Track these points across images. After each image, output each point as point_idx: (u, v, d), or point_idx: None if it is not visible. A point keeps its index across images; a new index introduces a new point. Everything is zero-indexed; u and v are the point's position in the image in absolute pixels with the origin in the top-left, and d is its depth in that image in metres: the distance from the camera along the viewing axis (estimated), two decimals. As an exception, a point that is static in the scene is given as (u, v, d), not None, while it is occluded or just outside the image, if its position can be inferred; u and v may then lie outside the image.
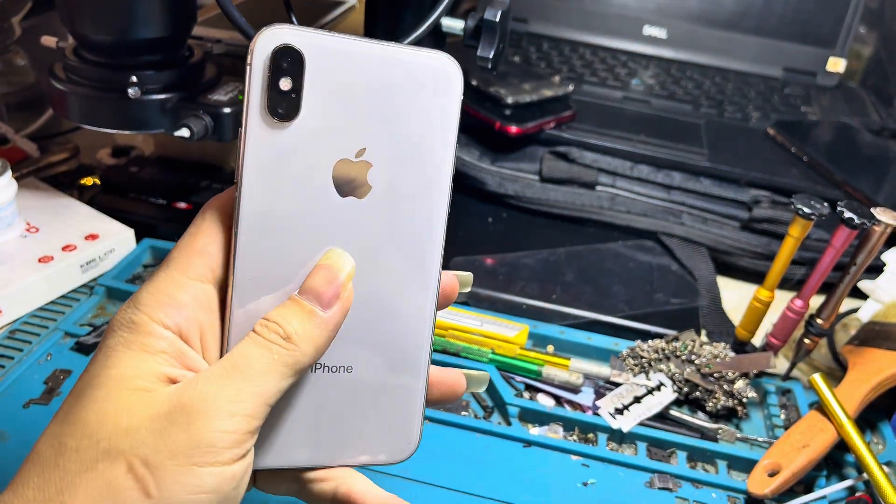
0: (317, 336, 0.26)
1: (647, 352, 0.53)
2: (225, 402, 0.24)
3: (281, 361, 0.26)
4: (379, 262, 0.29)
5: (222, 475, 0.24)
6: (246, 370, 0.25)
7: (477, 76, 0.74)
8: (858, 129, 0.83)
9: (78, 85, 0.53)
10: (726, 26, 0.93)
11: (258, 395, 0.25)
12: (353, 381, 0.29)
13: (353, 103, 0.27)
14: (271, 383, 0.25)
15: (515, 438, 0.47)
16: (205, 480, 0.24)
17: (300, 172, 0.27)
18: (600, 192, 0.71)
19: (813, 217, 0.48)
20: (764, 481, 0.44)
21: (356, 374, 0.29)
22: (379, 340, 0.29)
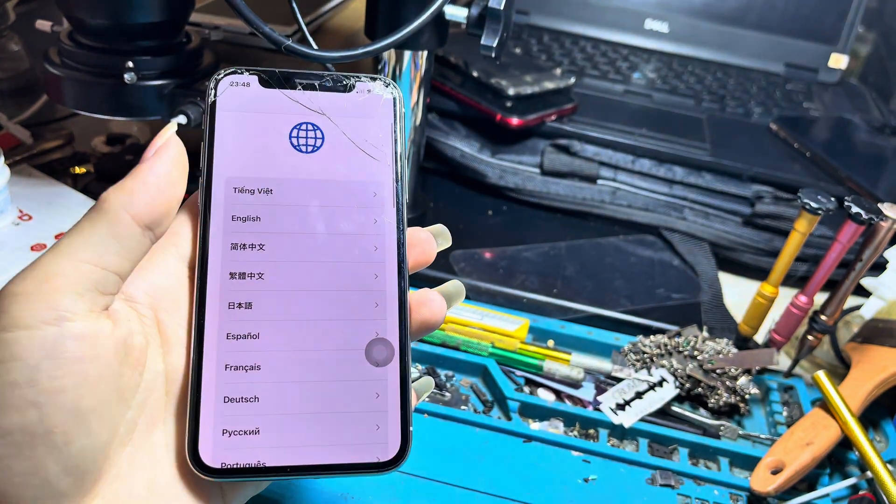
0: (128, 184, 0.26)
1: (648, 347, 0.52)
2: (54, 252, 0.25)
3: (96, 214, 0.25)
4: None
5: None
6: (76, 229, 0.25)
7: (478, 67, 0.73)
8: (861, 125, 0.82)
9: (73, 70, 0.52)
10: (728, 21, 0.93)
11: (78, 247, 0.25)
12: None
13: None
14: (91, 236, 0.25)
15: (516, 433, 0.47)
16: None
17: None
18: (601, 186, 0.70)
19: (820, 212, 0.47)
20: (767, 479, 0.44)
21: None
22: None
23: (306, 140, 0.30)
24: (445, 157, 0.71)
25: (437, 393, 0.49)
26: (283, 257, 0.29)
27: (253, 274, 0.28)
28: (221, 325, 0.27)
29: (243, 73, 0.30)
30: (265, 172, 0.29)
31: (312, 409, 0.28)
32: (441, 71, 0.75)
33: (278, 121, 0.30)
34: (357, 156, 0.30)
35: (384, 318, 0.29)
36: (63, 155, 0.67)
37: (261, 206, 0.29)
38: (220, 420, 0.27)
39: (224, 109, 0.29)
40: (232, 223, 0.28)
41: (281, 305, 0.28)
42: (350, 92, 0.31)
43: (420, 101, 0.57)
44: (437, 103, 0.73)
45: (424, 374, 0.49)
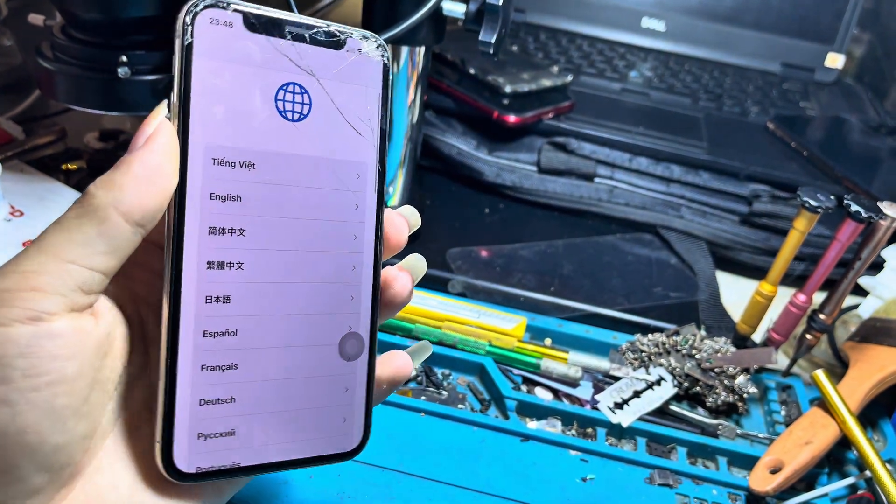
0: (116, 179, 0.23)
1: (646, 346, 0.52)
2: (39, 247, 0.24)
3: (83, 211, 0.23)
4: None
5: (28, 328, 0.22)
6: (61, 225, 0.24)
7: (475, 65, 0.73)
8: (857, 124, 0.82)
9: (65, 64, 0.51)
10: (725, 20, 0.93)
11: (66, 246, 0.23)
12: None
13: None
14: (77, 234, 0.23)
15: (513, 432, 0.46)
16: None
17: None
18: (599, 184, 0.70)
19: (819, 210, 0.47)
20: (766, 478, 0.44)
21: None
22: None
23: (293, 105, 0.26)
24: (442, 154, 0.70)
25: (434, 392, 0.49)
26: (265, 245, 0.26)
27: (232, 263, 0.25)
28: (198, 322, 0.25)
29: (227, 9, 0.25)
30: (248, 142, 0.25)
31: (287, 407, 0.27)
32: (438, 68, 0.75)
33: (264, 77, 0.25)
34: (343, 129, 0.27)
35: (358, 311, 0.28)
36: (55, 151, 0.66)
37: (242, 182, 0.25)
38: (195, 424, 0.25)
39: (202, 56, 0.24)
40: (210, 202, 0.25)
41: (260, 298, 0.26)
42: (341, 49, 0.27)
43: (417, 98, 0.57)
44: (434, 101, 0.73)
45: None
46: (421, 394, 0.49)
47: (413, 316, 0.52)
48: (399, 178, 0.59)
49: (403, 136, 0.57)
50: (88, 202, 0.24)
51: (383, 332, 0.52)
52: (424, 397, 0.48)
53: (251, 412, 0.26)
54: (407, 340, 0.51)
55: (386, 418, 0.46)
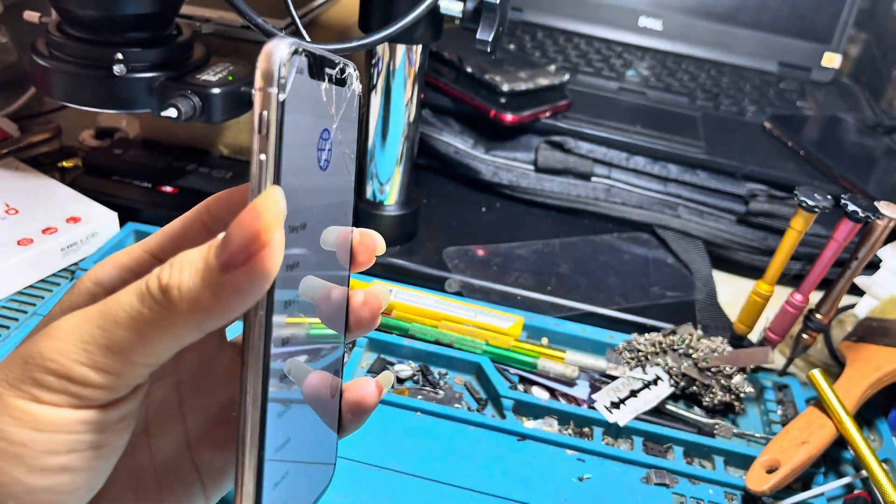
0: (203, 298, 0.20)
1: (643, 345, 0.52)
2: (73, 330, 0.21)
3: (148, 315, 0.20)
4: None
5: (61, 412, 0.21)
6: (111, 314, 0.21)
7: (472, 63, 0.73)
8: (854, 124, 0.82)
9: (61, 61, 0.51)
10: (722, 19, 0.92)
11: (115, 341, 0.20)
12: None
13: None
14: (132, 335, 0.20)
15: (510, 431, 0.46)
16: (35, 410, 0.21)
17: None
18: (596, 183, 0.70)
19: (816, 210, 0.47)
20: (762, 478, 0.44)
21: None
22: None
23: (325, 151, 0.24)
24: (439, 153, 0.70)
25: (430, 391, 0.49)
26: (303, 314, 0.24)
27: (293, 353, 0.24)
28: (272, 409, 0.22)
29: (301, 53, 0.21)
30: (303, 201, 0.22)
31: (311, 458, 0.26)
32: (435, 66, 0.74)
33: (313, 126, 0.23)
34: (342, 167, 0.25)
35: (337, 360, 0.28)
36: (51, 148, 0.66)
37: (297, 247, 0.22)
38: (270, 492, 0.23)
39: (292, 112, 0.21)
40: (284, 274, 0.21)
41: (304, 368, 0.25)
42: (345, 86, 0.25)
43: (414, 96, 0.57)
44: (431, 99, 0.72)
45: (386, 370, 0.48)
46: (417, 393, 0.48)
47: (410, 315, 0.52)
48: (396, 176, 0.59)
49: (400, 134, 0.57)
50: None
51: (380, 332, 0.51)
52: (421, 396, 0.48)
53: (293, 475, 0.25)
54: (404, 340, 0.51)
55: (382, 418, 0.46)
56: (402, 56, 0.54)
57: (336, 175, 0.24)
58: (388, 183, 0.59)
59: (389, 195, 0.60)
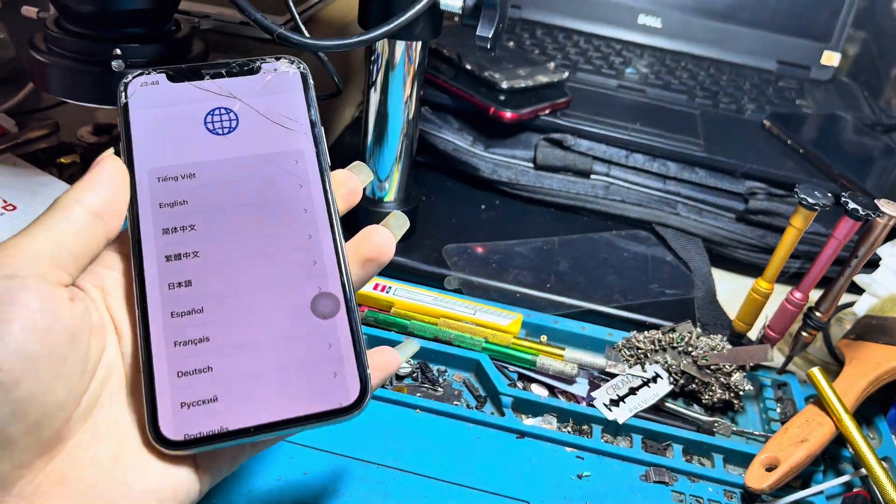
0: (74, 184, 0.29)
1: (643, 343, 0.52)
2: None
3: (49, 208, 0.28)
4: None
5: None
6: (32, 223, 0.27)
7: (471, 60, 0.72)
8: (853, 122, 0.82)
9: (59, 57, 0.51)
10: (721, 17, 0.92)
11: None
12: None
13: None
14: (44, 219, 0.27)
15: (508, 429, 0.46)
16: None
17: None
18: (595, 181, 0.70)
19: (817, 207, 0.47)
20: (762, 476, 0.44)
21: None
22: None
23: (221, 123, 0.31)
24: (438, 150, 0.70)
25: (429, 388, 0.49)
26: (216, 233, 0.30)
27: (188, 254, 0.29)
28: (164, 305, 0.28)
29: (150, 73, 0.31)
30: (185, 158, 0.30)
31: (267, 369, 0.28)
32: (434, 63, 0.74)
33: (191, 110, 0.31)
34: (273, 130, 0.32)
35: (324, 273, 0.30)
36: (49, 145, 0.66)
37: (186, 189, 0.30)
38: (176, 394, 0.27)
39: (137, 108, 0.31)
40: (160, 210, 0.30)
41: (220, 278, 0.29)
42: (257, 74, 0.32)
43: (413, 93, 0.57)
44: (430, 96, 0.72)
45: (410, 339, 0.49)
46: (416, 390, 0.48)
47: (409, 312, 0.52)
48: (395, 174, 0.59)
49: (399, 131, 0.57)
50: (55, 202, 0.28)
51: (377, 329, 0.51)
52: (420, 394, 0.48)
53: (230, 378, 0.28)
54: (402, 337, 0.51)
55: (381, 415, 0.46)
56: (401, 53, 0.54)
57: (254, 136, 0.31)
58: (387, 180, 0.59)
59: (389, 192, 0.60)
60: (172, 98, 0.31)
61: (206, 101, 0.31)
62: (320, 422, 0.28)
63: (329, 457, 0.42)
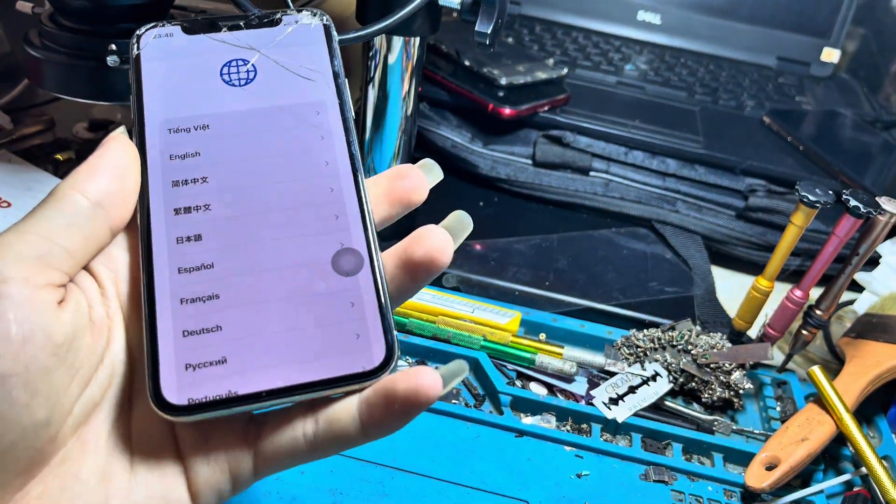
0: (76, 169, 0.26)
1: (642, 341, 0.52)
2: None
3: (47, 197, 0.25)
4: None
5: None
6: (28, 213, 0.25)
7: (470, 56, 0.72)
8: (854, 119, 0.82)
9: (54, 52, 0.50)
10: (721, 14, 0.92)
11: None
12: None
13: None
14: (38, 212, 0.25)
15: (507, 428, 0.46)
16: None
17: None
18: (594, 178, 0.70)
19: (818, 205, 0.47)
20: (762, 475, 0.43)
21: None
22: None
23: (238, 74, 0.30)
24: (436, 147, 0.70)
25: (427, 387, 0.48)
26: (229, 186, 0.28)
27: (199, 206, 0.27)
28: (171, 260, 0.26)
29: (165, 26, 0.30)
30: (199, 110, 0.29)
31: (283, 329, 0.26)
32: (433, 60, 0.74)
33: (206, 62, 0.29)
34: (293, 80, 0.30)
35: (347, 228, 0.28)
36: (44, 141, 0.65)
37: (199, 141, 0.28)
38: (181, 355, 0.25)
39: (149, 59, 0.29)
40: (171, 162, 0.28)
41: (233, 233, 0.27)
42: (277, 26, 0.31)
43: (411, 89, 0.56)
44: (429, 92, 0.72)
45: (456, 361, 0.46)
46: (414, 389, 0.48)
47: (407, 310, 0.52)
48: (393, 170, 0.58)
49: (397, 128, 0.57)
50: (52, 191, 0.25)
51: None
52: (418, 392, 0.48)
53: (241, 338, 0.26)
54: (401, 335, 0.51)
55: (379, 414, 0.45)
56: (399, 49, 0.54)
57: (272, 87, 0.30)
58: (385, 177, 0.59)
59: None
60: (187, 50, 0.30)
61: (223, 52, 0.30)
62: (341, 387, 0.25)
63: (326, 456, 0.42)
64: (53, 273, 0.24)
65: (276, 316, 0.26)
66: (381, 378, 0.25)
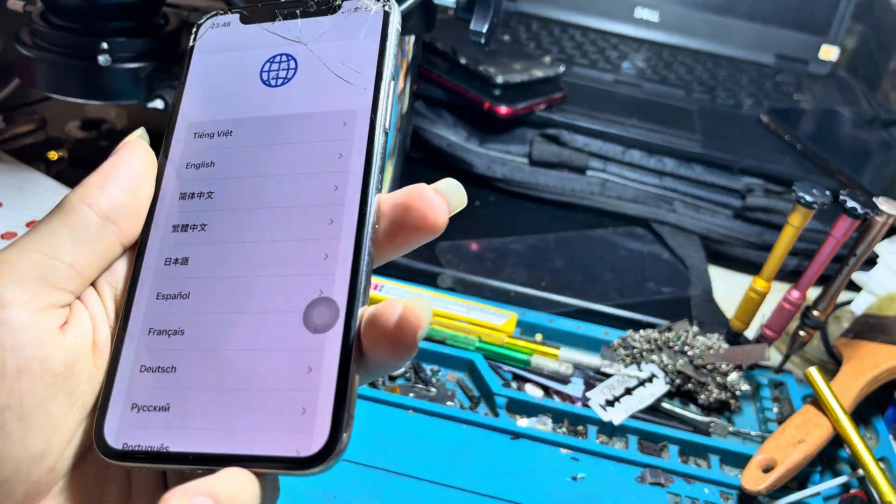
0: (86, 178, 0.24)
1: (638, 342, 0.51)
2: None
3: (54, 209, 0.24)
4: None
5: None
6: (34, 226, 0.24)
7: (466, 54, 0.72)
8: (852, 118, 0.82)
9: (45, 51, 0.50)
10: (719, 11, 0.92)
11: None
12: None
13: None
14: (43, 226, 0.24)
15: (503, 430, 0.45)
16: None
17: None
18: (591, 177, 0.69)
19: (815, 206, 0.46)
20: (758, 477, 0.43)
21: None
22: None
23: (277, 73, 0.27)
24: (432, 146, 0.69)
25: (422, 388, 0.48)
26: (231, 205, 0.25)
27: (195, 226, 0.25)
28: (155, 283, 0.24)
29: (225, 14, 0.28)
30: (227, 114, 0.27)
31: (231, 385, 0.22)
32: (428, 58, 0.73)
33: (252, 57, 0.27)
34: (330, 81, 0.26)
35: (332, 272, 0.23)
36: (36, 140, 0.65)
37: (217, 149, 0.26)
38: (132, 392, 0.23)
39: (200, 53, 0.28)
40: (186, 171, 0.26)
41: (218, 261, 0.24)
42: (335, 13, 0.27)
43: (407, 88, 0.56)
44: (424, 91, 0.71)
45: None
46: (409, 391, 0.48)
47: (402, 311, 0.51)
48: (388, 170, 0.58)
49: (393, 126, 0.56)
50: (61, 202, 0.24)
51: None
52: (412, 394, 0.47)
53: (190, 386, 0.23)
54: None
55: (372, 415, 0.45)
56: (394, 47, 0.53)
57: (307, 90, 0.27)
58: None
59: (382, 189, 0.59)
60: (239, 42, 0.27)
61: (271, 45, 0.27)
62: (271, 468, 0.21)
63: (320, 459, 0.42)
64: (57, 294, 0.23)
65: (230, 367, 0.23)
66: (316, 471, 0.21)
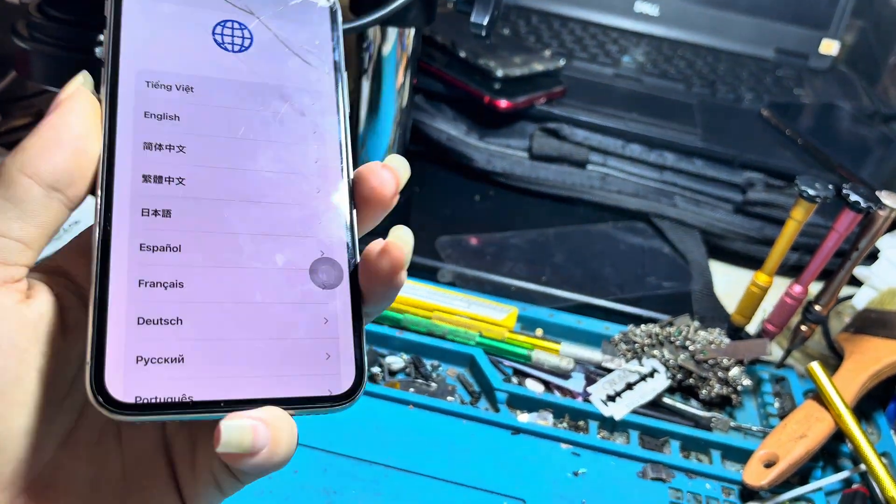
0: (24, 143, 0.22)
1: (640, 337, 0.51)
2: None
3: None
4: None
5: None
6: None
7: (465, 48, 0.71)
8: (852, 112, 0.81)
9: (42, 44, 0.50)
10: (719, 5, 0.91)
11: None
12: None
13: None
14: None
15: (503, 425, 0.45)
16: None
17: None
18: (591, 172, 0.69)
19: (818, 200, 0.46)
20: (760, 472, 0.43)
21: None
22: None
23: (232, 38, 0.27)
24: (431, 140, 0.69)
25: (422, 384, 0.48)
26: (208, 162, 0.25)
27: (171, 178, 0.24)
28: (133, 234, 0.23)
29: None
30: (184, 68, 0.25)
31: (249, 335, 0.23)
32: (428, 51, 0.73)
33: (199, 15, 0.26)
34: (291, 59, 0.27)
35: (330, 237, 0.25)
36: (33, 133, 0.64)
37: (180, 103, 0.25)
38: (132, 344, 0.22)
39: (134, 11, 0.26)
40: (145, 120, 0.24)
41: (206, 216, 0.24)
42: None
43: (406, 81, 0.55)
44: (424, 84, 0.71)
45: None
46: (409, 386, 0.48)
47: (402, 306, 0.51)
48: (388, 163, 0.58)
49: (392, 120, 0.56)
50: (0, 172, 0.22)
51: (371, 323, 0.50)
52: (413, 389, 0.47)
53: (204, 337, 0.23)
54: (396, 331, 0.50)
55: (373, 411, 0.45)
56: (393, 40, 0.53)
57: (269, 61, 0.27)
58: (379, 170, 0.58)
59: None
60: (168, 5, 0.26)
61: (218, 9, 0.27)
62: (303, 409, 0.23)
63: (320, 454, 0.42)
64: (10, 269, 0.22)
65: (242, 319, 0.23)
66: (346, 406, 0.24)
